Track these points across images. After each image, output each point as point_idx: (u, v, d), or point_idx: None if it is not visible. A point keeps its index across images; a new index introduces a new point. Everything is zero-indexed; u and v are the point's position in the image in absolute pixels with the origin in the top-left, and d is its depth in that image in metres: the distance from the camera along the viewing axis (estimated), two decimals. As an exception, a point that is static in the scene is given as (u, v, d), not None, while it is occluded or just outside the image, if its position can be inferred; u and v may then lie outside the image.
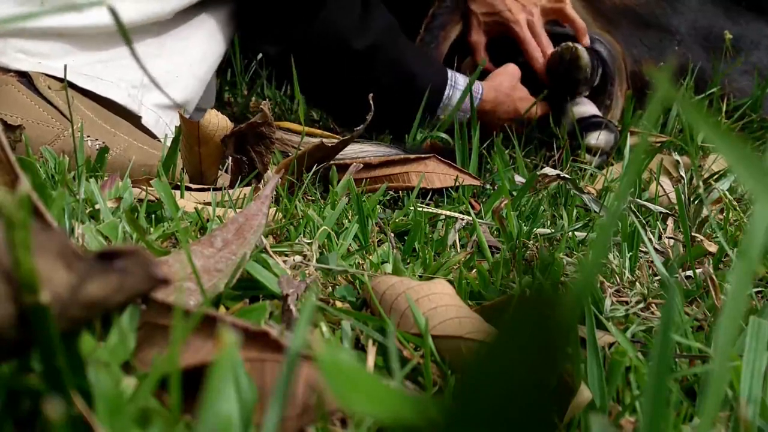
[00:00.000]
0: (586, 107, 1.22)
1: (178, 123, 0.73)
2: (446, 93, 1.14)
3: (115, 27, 0.85)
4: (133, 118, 0.86)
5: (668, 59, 1.36)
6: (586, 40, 1.26)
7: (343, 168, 0.78)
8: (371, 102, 0.76)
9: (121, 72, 0.86)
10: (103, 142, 0.79)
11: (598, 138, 1.15)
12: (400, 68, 1.09)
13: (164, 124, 0.90)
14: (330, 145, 0.76)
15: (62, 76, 0.76)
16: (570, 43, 1.18)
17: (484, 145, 1.03)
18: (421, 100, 1.10)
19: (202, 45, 0.94)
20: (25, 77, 0.81)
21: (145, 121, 0.87)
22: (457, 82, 1.16)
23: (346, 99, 1.10)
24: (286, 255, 0.51)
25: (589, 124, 1.17)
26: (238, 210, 0.60)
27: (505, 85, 1.20)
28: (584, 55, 1.17)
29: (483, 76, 1.23)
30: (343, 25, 1.03)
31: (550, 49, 1.23)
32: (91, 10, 0.82)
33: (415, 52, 1.15)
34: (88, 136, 0.79)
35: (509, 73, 1.22)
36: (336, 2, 1.01)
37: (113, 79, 0.85)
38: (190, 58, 0.93)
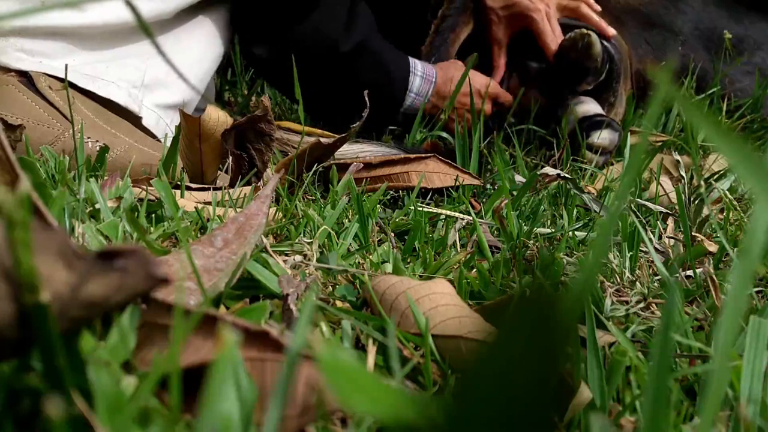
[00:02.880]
0: (589, 106, 1.21)
1: (178, 123, 0.73)
2: (410, 80, 1.16)
3: (115, 26, 0.85)
4: (134, 119, 0.86)
5: (670, 58, 1.36)
6: (611, 31, 1.26)
7: (343, 168, 0.78)
8: (367, 99, 0.76)
9: (121, 72, 0.86)
10: (104, 143, 0.79)
11: (601, 137, 1.15)
12: (380, 63, 1.12)
13: (165, 125, 0.90)
14: (327, 143, 0.76)
15: (63, 75, 0.76)
16: (584, 30, 1.17)
17: (484, 143, 1.04)
18: (395, 91, 1.14)
19: (202, 45, 0.95)
20: (25, 77, 0.81)
21: (146, 121, 0.87)
22: (416, 68, 1.17)
23: (332, 98, 1.12)
24: (287, 254, 0.51)
25: (593, 122, 1.17)
26: (238, 209, 0.60)
27: (449, 65, 1.21)
28: (597, 44, 1.17)
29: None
30: (331, 28, 1.05)
31: None
32: (92, 9, 0.82)
33: (386, 44, 1.17)
34: (89, 137, 0.79)
35: (455, 62, 1.24)
36: (325, 6, 1.03)
37: (114, 79, 0.85)
38: (191, 57, 0.93)
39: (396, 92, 1.15)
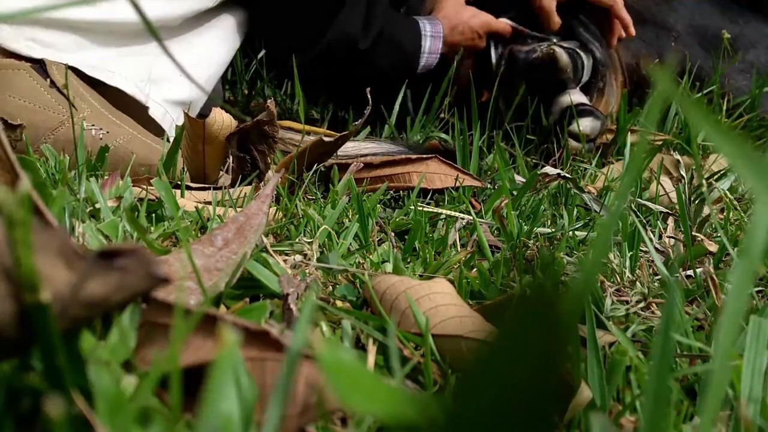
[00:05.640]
0: (573, 96, 1.22)
1: (182, 122, 0.73)
2: (422, 44, 1.20)
3: (124, 25, 0.86)
4: (140, 113, 0.87)
5: (669, 57, 1.36)
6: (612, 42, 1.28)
7: (344, 167, 0.78)
8: (369, 97, 0.76)
9: (127, 68, 0.87)
10: (107, 131, 0.80)
11: (583, 125, 1.15)
12: (395, 45, 1.16)
13: (171, 119, 0.91)
14: (329, 140, 0.76)
15: (71, 66, 0.76)
16: (546, 47, 1.19)
17: (482, 138, 1.04)
18: (410, 62, 1.19)
19: (208, 50, 0.96)
20: (38, 64, 0.82)
21: (152, 112, 0.88)
22: (425, 29, 1.21)
23: (351, 88, 1.16)
24: (287, 254, 0.51)
25: (576, 111, 1.17)
26: (238, 209, 0.60)
27: (450, 10, 1.25)
28: (563, 56, 1.19)
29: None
30: (352, 28, 1.09)
31: None
32: (103, 6, 0.83)
33: (397, 19, 1.20)
34: (93, 125, 0.79)
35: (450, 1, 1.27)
36: (346, 9, 1.07)
37: (121, 72, 0.86)
38: (196, 60, 0.94)
39: (411, 62, 1.19)
